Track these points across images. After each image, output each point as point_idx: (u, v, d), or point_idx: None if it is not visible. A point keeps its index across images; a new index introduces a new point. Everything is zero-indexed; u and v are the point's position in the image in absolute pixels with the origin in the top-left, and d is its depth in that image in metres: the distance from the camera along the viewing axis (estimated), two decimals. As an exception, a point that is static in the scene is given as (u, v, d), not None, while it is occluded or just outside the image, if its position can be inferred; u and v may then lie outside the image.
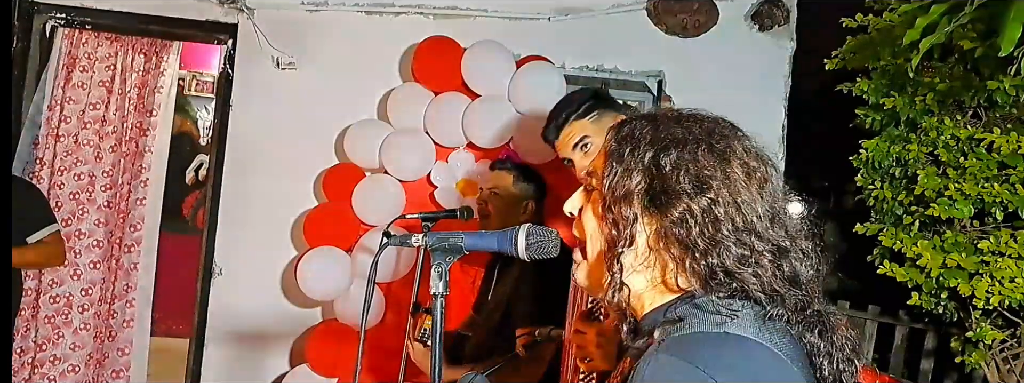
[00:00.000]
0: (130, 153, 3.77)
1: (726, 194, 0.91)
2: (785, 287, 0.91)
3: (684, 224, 0.91)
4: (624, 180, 0.95)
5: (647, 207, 0.93)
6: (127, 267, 3.80)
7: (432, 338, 1.18)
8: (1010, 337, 2.83)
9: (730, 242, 0.90)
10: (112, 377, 3.74)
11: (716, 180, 0.92)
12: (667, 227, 0.92)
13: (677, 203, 0.91)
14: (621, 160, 0.96)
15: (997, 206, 2.62)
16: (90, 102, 3.65)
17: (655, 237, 0.93)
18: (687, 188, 0.91)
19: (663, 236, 0.92)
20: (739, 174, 0.93)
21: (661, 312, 0.94)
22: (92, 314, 3.65)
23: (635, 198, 0.93)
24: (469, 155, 3.30)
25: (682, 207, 0.91)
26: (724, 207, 0.91)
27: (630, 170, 0.95)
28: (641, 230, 0.94)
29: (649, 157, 0.94)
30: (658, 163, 0.93)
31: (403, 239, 1.27)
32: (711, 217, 0.90)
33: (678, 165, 0.93)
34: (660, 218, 0.92)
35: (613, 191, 0.95)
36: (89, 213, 3.64)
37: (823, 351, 0.92)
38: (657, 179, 0.93)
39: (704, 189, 0.91)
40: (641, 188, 0.93)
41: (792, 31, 3.66)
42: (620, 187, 0.95)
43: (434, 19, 3.51)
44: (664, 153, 0.94)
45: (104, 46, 3.67)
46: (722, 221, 0.90)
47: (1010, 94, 2.62)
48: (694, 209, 0.90)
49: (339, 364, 3.15)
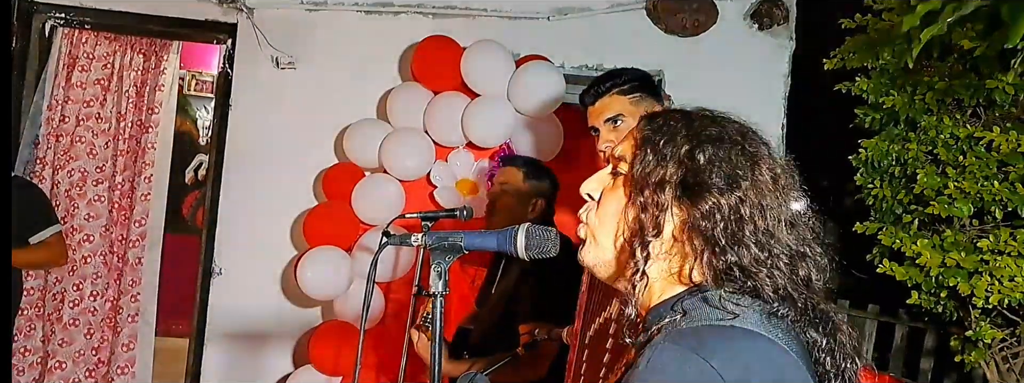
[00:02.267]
0: (130, 151, 3.78)
1: (753, 196, 0.94)
2: (797, 290, 0.93)
3: (711, 218, 0.93)
4: (659, 168, 0.96)
5: (678, 197, 0.95)
6: (132, 262, 3.81)
7: (432, 338, 1.18)
8: (1010, 336, 2.83)
9: (751, 242, 0.92)
10: (118, 373, 3.75)
11: (746, 181, 0.94)
12: (695, 219, 0.93)
13: (708, 197, 0.93)
14: (656, 149, 0.98)
15: (996, 205, 2.62)
16: (90, 101, 3.65)
17: (681, 228, 0.95)
18: (719, 184, 0.94)
19: (689, 228, 0.94)
20: (767, 178, 0.96)
21: (669, 304, 0.95)
22: (94, 311, 3.65)
23: (668, 187, 0.95)
24: (469, 155, 3.30)
25: (712, 201, 0.93)
26: (750, 208, 0.93)
27: (665, 159, 0.96)
28: (669, 219, 0.95)
29: (686, 150, 0.96)
30: (693, 156, 0.95)
31: (403, 239, 1.27)
32: (737, 215, 0.93)
33: (712, 161, 0.95)
34: (689, 209, 0.94)
35: (646, 178, 0.97)
36: (89, 211, 3.64)
37: (825, 348, 0.94)
38: (691, 171, 0.95)
39: (734, 187, 0.93)
40: (676, 178, 0.95)
41: (792, 30, 3.66)
42: (654, 174, 0.96)
43: (433, 18, 3.51)
44: (700, 148, 0.96)
45: (104, 46, 3.67)
46: (746, 221, 0.93)
47: (1009, 93, 2.62)
48: (723, 205, 0.93)
49: (342, 364, 3.15)
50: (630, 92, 1.83)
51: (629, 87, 1.84)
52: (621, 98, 1.83)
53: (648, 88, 1.87)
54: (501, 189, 2.58)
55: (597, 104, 1.86)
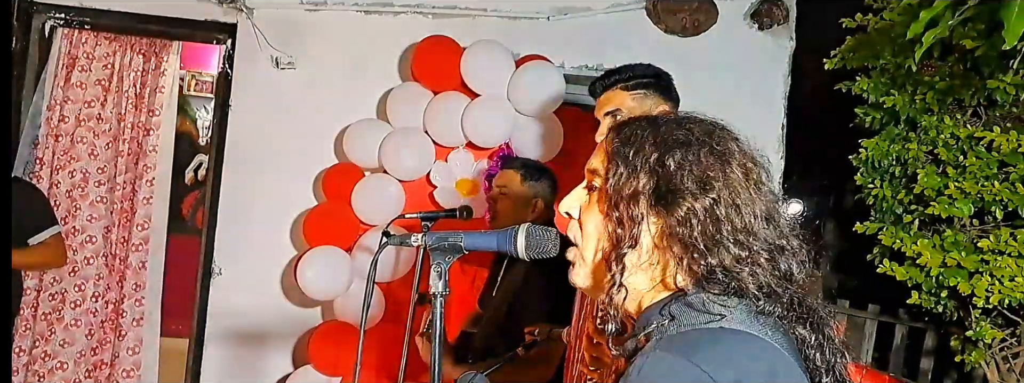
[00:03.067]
0: (131, 152, 3.77)
1: (726, 194, 0.94)
2: (780, 284, 0.93)
3: (688, 223, 0.93)
4: (631, 180, 0.96)
5: (653, 206, 0.95)
6: (135, 266, 3.80)
7: (432, 338, 1.18)
8: (1010, 336, 2.83)
9: (729, 242, 0.92)
10: (123, 376, 3.74)
11: (718, 181, 0.94)
12: (672, 226, 0.93)
13: (682, 202, 0.93)
14: (626, 161, 0.97)
15: (997, 205, 2.62)
16: (90, 101, 3.64)
17: (660, 236, 0.95)
18: (692, 188, 0.93)
19: (667, 235, 0.94)
20: (738, 175, 0.96)
21: (655, 310, 0.94)
22: (94, 312, 3.65)
23: (643, 198, 0.95)
24: (468, 154, 3.30)
25: (687, 206, 0.93)
26: (724, 208, 0.93)
27: (636, 171, 0.96)
28: (647, 230, 0.95)
29: (655, 158, 0.96)
30: (663, 163, 0.95)
31: (403, 239, 1.27)
32: (713, 217, 0.93)
33: (682, 165, 0.95)
34: (665, 217, 0.94)
35: (619, 191, 0.97)
36: (89, 212, 3.64)
37: (814, 343, 0.94)
38: (663, 179, 0.95)
39: (706, 189, 0.93)
40: (649, 188, 0.95)
41: (792, 30, 3.66)
42: (627, 187, 0.96)
43: (433, 18, 3.51)
44: (668, 154, 0.96)
45: (103, 46, 3.66)
46: (723, 221, 0.93)
47: (1010, 93, 2.62)
48: (697, 209, 0.93)
49: (342, 364, 3.15)
50: (634, 88, 1.85)
51: (634, 83, 1.86)
52: (623, 93, 1.85)
53: (656, 86, 1.88)
54: (500, 192, 2.58)
55: (601, 97, 1.89)
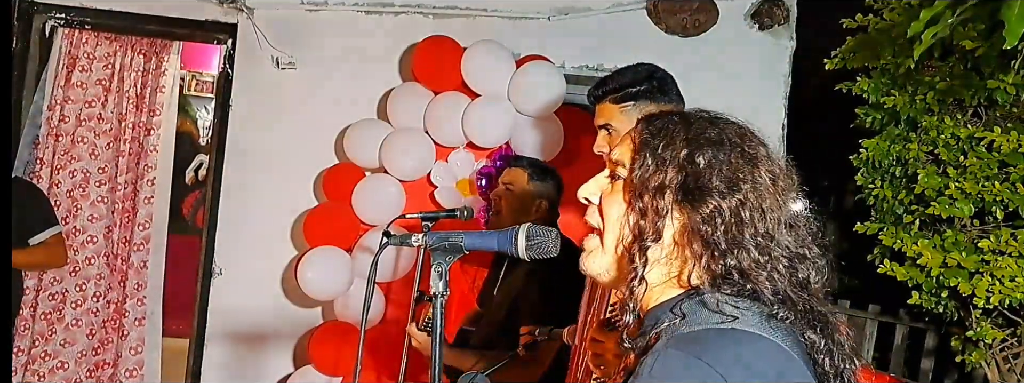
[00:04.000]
0: (132, 152, 3.77)
1: (753, 198, 0.93)
2: (796, 292, 0.93)
3: (712, 222, 0.92)
4: (659, 173, 0.96)
5: (679, 202, 0.94)
6: (137, 265, 3.80)
7: (432, 338, 1.18)
8: (1010, 336, 2.83)
9: (751, 245, 0.92)
10: (126, 376, 3.75)
11: (746, 183, 0.94)
12: (696, 223, 0.93)
13: (709, 200, 0.93)
14: (655, 153, 0.97)
15: (997, 205, 2.62)
16: (91, 101, 3.64)
17: (681, 232, 0.95)
18: (720, 187, 0.93)
19: (689, 232, 0.94)
20: (766, 180, 0.95)
21: (666, 308, 0.94)
22: (96, 312, 3.65)
23: (668, 192, 0.95)
24: (469, 155, 3.30)
25: (713, 205, 0.93)
26: (750, 211, 0.93)
27: (665, 164, 0.96)
28: (669, 224, 0.95)
29: (685, 153, 0.95)
30: (693, 160, 0.95)
31: (403, 239, 1.27)
32: (737, 218, 0.92)
33: (712, 164, 0.94)
34: (690, 213, 0.94)
35: (645, 183, 0.96)
36: (90, 212, 3.64)
37: (824, 348, 0.93)
38: (691, 175, 0.94)
39: (734, 190, 0.93)
40: (676, 183, 0.95)
41: (792, 30, 3.66)
42: (654, 179, 0.96)
43: (434, 18, 3.51)
44: (699, 151, 0.95)
45: (104, 46, 3.66)
46: (746, 224, 0.92)
47: (1010, 93, 2.62)
48: (723, 208, 0.92)
49: (342, 364, 3.15)
50: (622, 100, 1.78)
51: (622, 95, 1.78)
52: (612, 107, 1.79)
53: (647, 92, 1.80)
54: (505, 189, 2.56)
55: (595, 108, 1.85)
